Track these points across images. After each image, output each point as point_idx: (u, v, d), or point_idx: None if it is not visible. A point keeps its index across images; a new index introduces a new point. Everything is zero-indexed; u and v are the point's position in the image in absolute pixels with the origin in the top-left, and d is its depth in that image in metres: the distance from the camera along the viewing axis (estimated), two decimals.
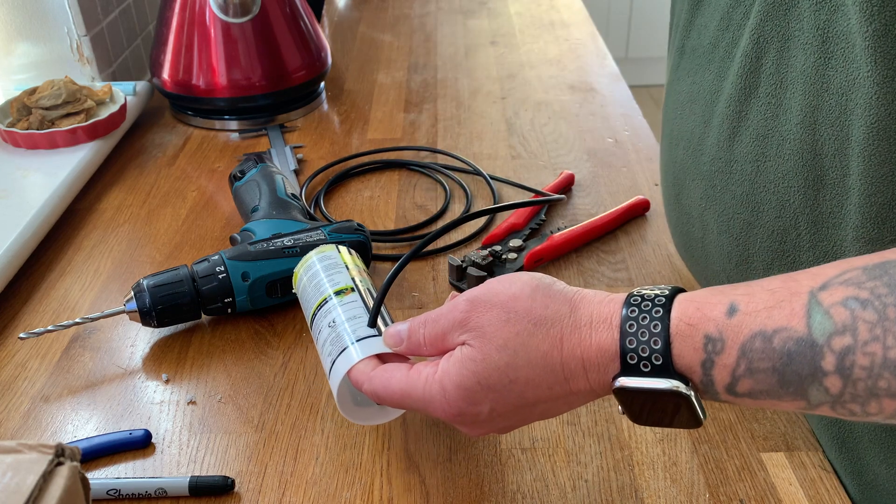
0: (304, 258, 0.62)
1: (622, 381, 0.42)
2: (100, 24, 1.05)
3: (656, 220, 0.83)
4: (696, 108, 0.60)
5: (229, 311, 0.68)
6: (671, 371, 0.41)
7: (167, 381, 0.64)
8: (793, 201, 0.52)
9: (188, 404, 0.62)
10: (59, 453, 0.34)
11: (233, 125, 1.04)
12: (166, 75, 1.01)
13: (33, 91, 0.95)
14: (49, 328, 0.65)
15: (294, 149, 0.97)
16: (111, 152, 0.96)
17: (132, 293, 0.66)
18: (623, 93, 1.12)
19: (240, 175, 0.80)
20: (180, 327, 0.69)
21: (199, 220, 0.85)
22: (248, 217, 0.76)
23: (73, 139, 0.91)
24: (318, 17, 1.34)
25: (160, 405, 0.62)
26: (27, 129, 0.92)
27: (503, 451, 0.57)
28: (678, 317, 0.41)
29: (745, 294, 0.40)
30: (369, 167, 0.94)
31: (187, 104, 1.04)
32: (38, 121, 0.92)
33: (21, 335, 0.64)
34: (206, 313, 0.68)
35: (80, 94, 0.96)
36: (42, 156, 0.90)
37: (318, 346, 0.56)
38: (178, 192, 0.90)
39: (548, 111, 1.07)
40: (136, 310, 0.65)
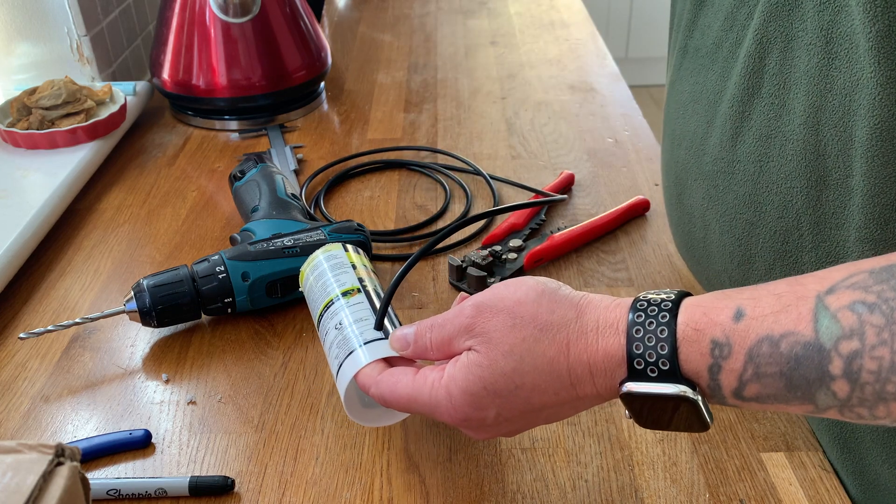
0: (311, 257, 0.62)
1: (629, 386, 0.42)
2: (100, 24, 1.05)
3: (656, 220, 0.83)
4: (698, 108, 0.60)
5: (229, 311, 0.68)
6: (678, 376, 0.41)
7: (167, 381, 0.64)
8: (796, 202, 0.52)
9: (188, 404, 0.62)
10: (59, 453, 0.34)
11: (233, 125, 1.04)
12: (166, 75, 1.01)
13: (33, 91, 0.95)
14: (49, 328, 0.65)
15: (294, 149, 0.97)
16: (111, 152, 0.97)
17: (132, 293, 0.66)
18: (623, 93, 1.12)
19: (240, 175, 0.80)
20: (180, 327, 0.69)
21: (199, 220, 0.85)
22: (248, 217, 0.76)
23: (73, 139, 0.91)
24: (318, 17, 1.34)
25: (160, 405, 0.62)
26: (27, 129, 0.92)
27: (503, 451, 0.57)
28: (685, 322, 0.41)
29: (751, 298, 0.40)
30: (369, 167, 0.94)
31: (187, 104, 1.04)
32: (38, 121, 0.92)
33: (21, 335, 0.64)
34: (206, 313, 0.68)
35: (80, 94, 0.96)
36: (42, 156, 0.90)
37: (325, 348, 0.56)
38: (178, 192, 0.90)
39: (548, 111, 1.07)
40: (136, 310, 0.65)
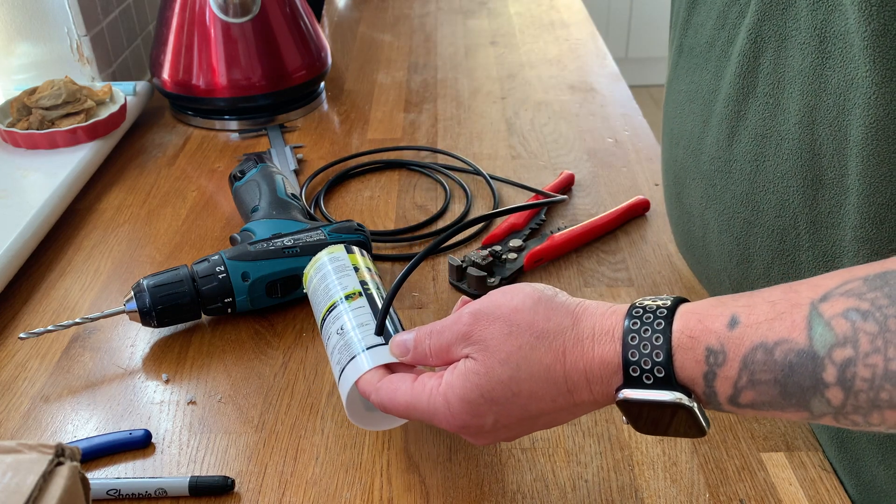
0: (314, 259, 0.62)
1: (625, 393, 0.42)
2: (100, 24, 1.05)
3: (656, 220, 0.83)
4: (694, 108, 0.60)
5: (229, 311, 0.68)
6: (674, 383, 0.41)
7: (167, 381, 0.64)
8: (792, 201, 0.52)
9: (188, 404, 0.62)
10: (59, 453, 0.34)
11: (233, 125, 1.04)
12: (166, 75, 1.01)
13: (33, 91, 0.95)
14: (49, 328, 0.65)
15: (294, 149, 0.97)
16: (111, 152, 0.97)
17: (132, 293, 0.66)
18: (623, 93, 1.12)
19: (240, 175, 0.80)
20: (180, 327, 0.69)
21: (199, 220, 0.85)
22: (248, 217, 0.76)
23: (73, 139, 0.91)
24: (318, 17, 1.34)
25: (160, 405, 0.62)
26: (27, 129, 0.92)
27: (503, 451, 0.57)
28: (680, 329, 0.41)
29: (745, 306, 0.40)
30: (369, 167, 0.94)
31: (187, 104, 1.04)
32: (38, 121, 0.92)
33: (21, 335, 0.65)
34: (206, 313, 0.68)
35: (80, 94, 0.96)
36: (42, 156, 0.90)
37: (328, 352, 0.56)
38: (178, 192, 0.90)
39: (548, 111, 1.07)
40: (136, 310, 0.65)
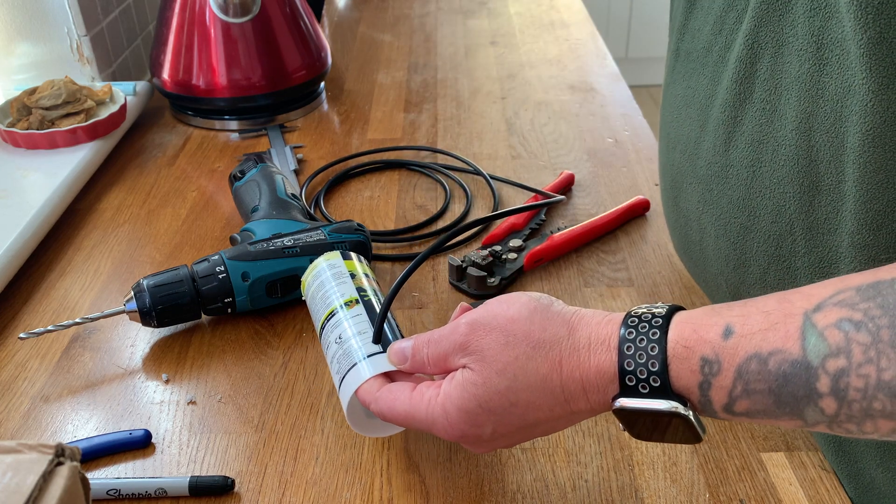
0: (311, 266, 0.62)
1: (622, 401, 0.43)
2: (100, 24, 1.05)
3: (656, 220, 0.83)
4: (691, 112, 0.60)
5: (229, 311, 0.68)
6: (669, 392, 0.41)
7: (167, 381, 0.64)
8: (788, 207, 0.52)
9: (188, 404, 0.62)
10: (59, 453, 0.34)
11: (233, 125, 1.04)
12: (166, 75, 1.01)
13: (33, 91, 0.95)
14: (49, 328, 0.65)
15: (294, 149, 0.97)
16: (111, 152, 0.97)
17: (132, 293, 0.66)
18: (623, 93, 1.12)
19: (240, 175, 0.80)
20: (180, 327, 0.69)
21: (199, 220, 0.85)
22: (248, 217, 0.76)
23: (73, 139, 0.91)
24: (318, 17, 1.34)
25: (160, 405, 0.62)
26: (27, 129, 0.92)
27: (503, 452, 0.57)
28: (675, 339, 0.41)
29: (740, 315, 0.41)
30: (369, 167, 0.94)
31: (187, 104, 1.04)
32: (38, 121, 0.92)
33: (21, 335, 0.65)
34: (206, 313, 0.68)
35: (80, 94, 0.96)
36: (42, 156, 0.90)
37: (328, 360, 0.56)
38: (178, 192, 0.90)
39: (548, 111, 1.07)
40: (136, 310, 0.65)
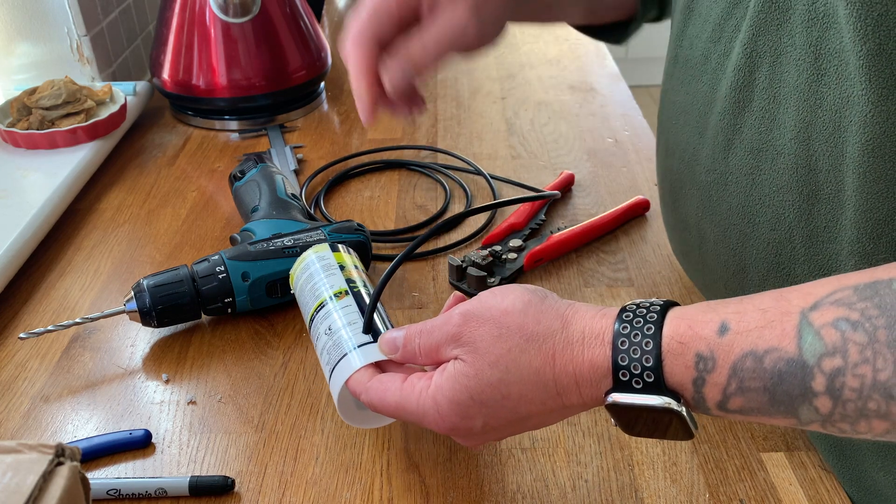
0: (299, 259, 0.62)
1: (614, 396, 0.42)
2: (100, 24, 1.05)
3: (656, 220, 0.83)
4: (689, 119, 0.60)
5: (229, 311, 0.68)
6: (663, 388, 0.41)
7: (167, 381, 0.64)
8: (787, 215, 0.52)
9: (188, 404, 0.62)
10: (59, 453, 0.34)
11: (233, 125, 1.04)
12: (166, 75, 1.01)
13: (33, 91, 0.95)
14: (49, 328, 0.65)
15: (294, 149, 0.97)
16: (111, 152, 0.97)
17: (132, 293, 0.66)
18: (623, 93, 1.12)
19: (240, 175, 0.80)
20: (180, 327, 0.69)
21: (199, 220, 0.85)
22: (248, 217, 0.76)
23: (73, 139, 0.91)
24: (318, 17, 1.34)
25: (160, 405, 0.62)
26: (27, 129, 0.92)
27: (503, 451, 0.57)
28: (670, 334, 0.41)
29: (736, 312, 0.40)
30: (369, 167, 0.94)
31: (187, 104, 1.04)
32: (38, 121, 0.92)
33: (21, 335, 0.65)
34: (206, 313, 0.68)
35: (80, 94, 0.96)
36: (42, 156, 0.90)
37: (318, 352, 0.56)
38: (178, 192, 0.90)
39: (548, 111, 1.07)
40: (136, 310, 0.65)
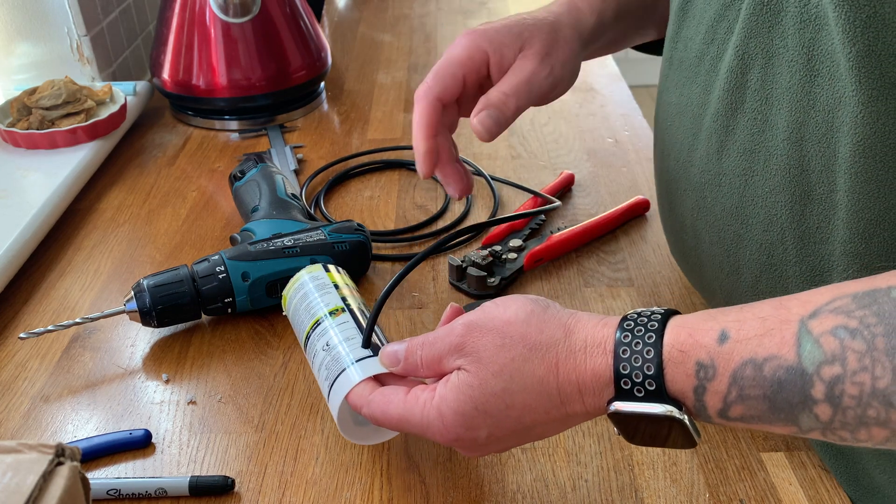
0: (293, 280, 0.62)
1: (617, 405, 0.43)
2: (100, 24, 1.05)
3: (656, 220, 0.83)
4: (684, 120, 0.60)
5: (229, 311, 0.68)
6: (664, 396, 0.41)
7: (167, 381, 0.64)
8: (780, 216, 0.52)
9: (188, 404, 0.62)
10: (59, 453, 0.34)
11: (233, 125, 1.04)
12: (166, 75, 1.01)
13: (33, 91, 0.95)
14: (49, 328, 0.65)
15: (294, 149, 0.97)
16: (111, 152, 0.97)
17: (132, 293, 0.66)
18: (623, 93, 1.12)
19: (240, 175, 0.80)
20: (180, 327, 0.69)
21: (199, 220, 0.85)
22: (248, 217, 0.76)
23: (73, 139, 0.91)
24: (318, 17, 1.34)
25: (160, 405, 0.62)
26: (27, 129, 0.92)
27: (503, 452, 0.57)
28: (670, 343, 0.41)
29: (736, 321, 0.41)
30: (369, 167, 0.94)
31: (187, 104, 1.04)
32: (38, 121, 0.92)
33: (21, 335, 0.65)
34: (206, 313, 0.68)
35: (80, 94, 0.96)
36: (42, 156, 0.90)
37: (314, 369, 0.56)
38: (178, 192, 0.90)
39: (548, 111, 1.07)
40: (136, 310, 0.65)
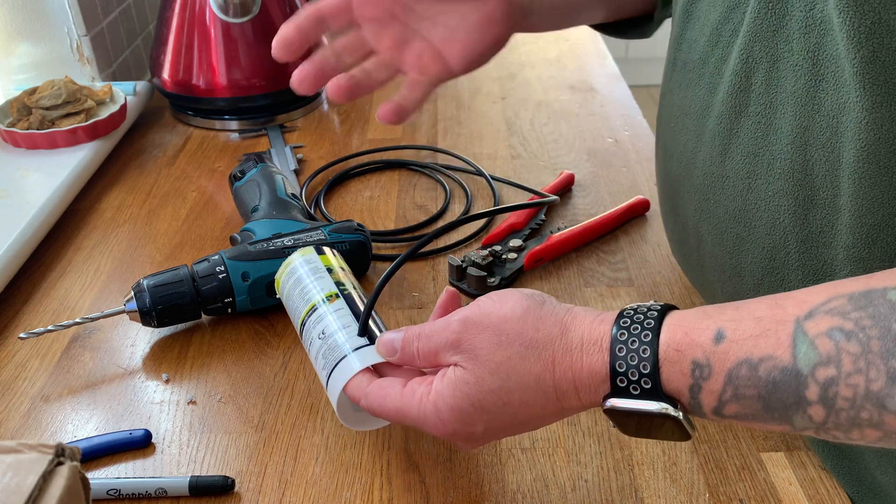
0: (284, 263, 0.61)
1: (613, 402, 0.43)
2: (100, 24, 1.05)
3: (656, 220, 0.83)
4: (688, 123, 0.60)
5: (229, 311, 0.68)
6: (660, 394, 0.42)
7: (167, 381, 0.64)
8: (783, 220, 0.52)
9: (188, 404, 0.62)
10: (60, 453, 0.34)
11: (233, 125, 1.04)
12: (166, 75, 1.01)
13: (33, 91, 0.95)
14: (49, 328, 0.65)
15: (294, 149, 0.97)
16: (111, 152, 0.97)
17: (132, 293, 0.66)
18: (623, 93, 1.12)
19: (240, 175, 0.80)
20: (180, 327, 0.69)
21: (199, 220, 0.85)
22: (248, 217, 0.76)
23: (73, 139, 0.91)
24: None
25: (160, 405, 0.62)
26: (27, 129, 0.92)
27: (503, 451, 0.57)
28: (666, 342, 0.41)
29: (732, 320, 0.41)
30: (369, 167, 0.94)
31: (187, 104, 1.04)
32: (39, 121, 0.92)
33: (21, 335, 0.65)
34: (206, 313, 0.68)
35: (80, 94, 0.96)
36: (42, 156, 0.90)
37: (311, 357, 0.56)
38: (178, 192, 0.90)
39: (548, 111, 1.07)
40: (136, 310, 0.65)
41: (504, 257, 0.75)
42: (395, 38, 0.64)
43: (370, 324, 0.54)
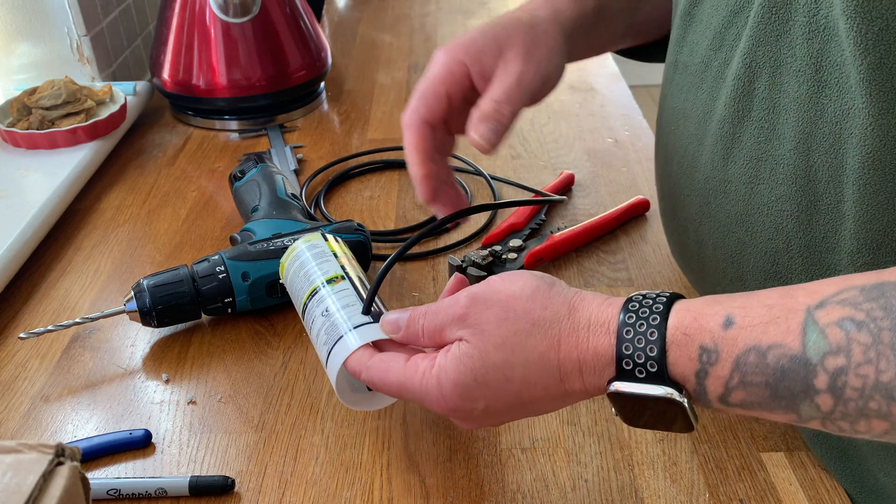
0: (290, 248, 0.62)
1: (617, 385, 0.43)
2: (100, 24, 1.05)
3: (656, 219, 0.83)
4: (688, 126, 0.59)
5: (229, 311, 0.68)
6: (665, 378, 0.41)
7: (167, 381, 0.64)
8: (786, 225, 0.52)
9: (188, 404, 0.62)
10: (59, 453, 0.34)
11: (233, 125, 1.04)
12: (166, 75, 1.01)
13: (33, 91, 0.95)
14: (49, 328, 0.65)
15: (294, 149, 0.97)
16: (111, 152, 0.97)
17: (132, 293, 0.66)
18: (623, 93, 1.12)
19: (240, 175, 0.80)
20: (180, 327, 0.69)
21: (199, 220, 0.85)
22: (248, 217, 0.76)
23: (73, 139, 0.91)
24: (318, 17, 1.34)
25: (160, 405, 0.62)
26: (27, 129, 0.92)
27: (503, 451, 0.57)
28: (675, 325, 0.41)
29: (741, 307, 0.41)
30: (369, 167, 0.94)
31: (187, 104, 1.04)
32: (38, 121, 0.92)
33: (21, 335, 0.65)
34: (206, 313, 0.68)
35: (80, 94, 0.96)
36: (42, 156, 0.90)
37: (312, 336, 0.56)
38: (178, 192, 0.90)
39: (548, 111, 1.07)
40: (136, 310, 0.65)
41: (504, 257, 0.75)
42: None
43: (375, 303, 0.54)
